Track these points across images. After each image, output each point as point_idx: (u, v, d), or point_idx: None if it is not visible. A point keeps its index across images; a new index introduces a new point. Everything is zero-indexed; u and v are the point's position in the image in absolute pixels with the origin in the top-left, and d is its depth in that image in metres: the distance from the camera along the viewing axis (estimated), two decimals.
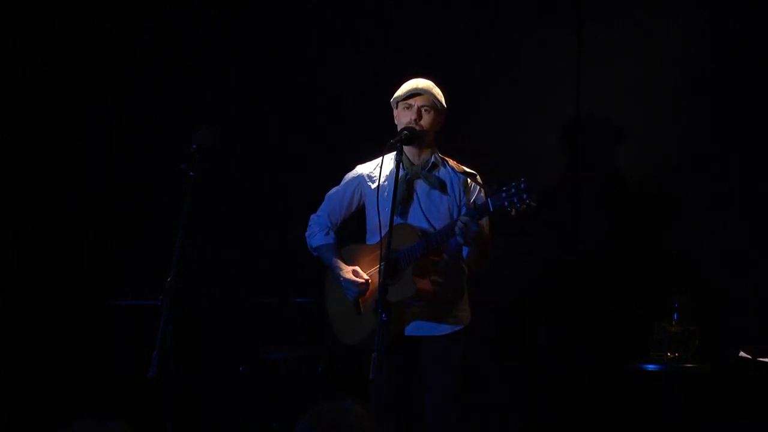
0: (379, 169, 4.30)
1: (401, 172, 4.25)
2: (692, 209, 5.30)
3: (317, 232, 4.50)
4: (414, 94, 4.27)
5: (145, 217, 6.05)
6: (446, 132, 4.42)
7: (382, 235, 4.01)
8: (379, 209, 4.12)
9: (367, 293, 4.28)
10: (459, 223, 3.95)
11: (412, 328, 4.23)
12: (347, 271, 4.31)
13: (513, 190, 3.81)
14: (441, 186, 4.27)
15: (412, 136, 4.19)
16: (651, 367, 4.96)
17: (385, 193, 4.19)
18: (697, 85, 5.31)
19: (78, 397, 5.55)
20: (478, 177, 4.31)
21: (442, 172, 4.31)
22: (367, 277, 4.27)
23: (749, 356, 4.75)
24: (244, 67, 6.11)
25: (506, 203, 3.83)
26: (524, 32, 5.61)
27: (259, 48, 6.10)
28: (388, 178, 4.28)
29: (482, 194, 4.23)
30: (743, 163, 5.20)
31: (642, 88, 5.41)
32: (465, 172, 4.29)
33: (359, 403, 2.33)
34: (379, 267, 4.08)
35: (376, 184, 4.30)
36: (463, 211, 4.12)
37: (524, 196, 3.79)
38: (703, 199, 5.27)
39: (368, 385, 4.12)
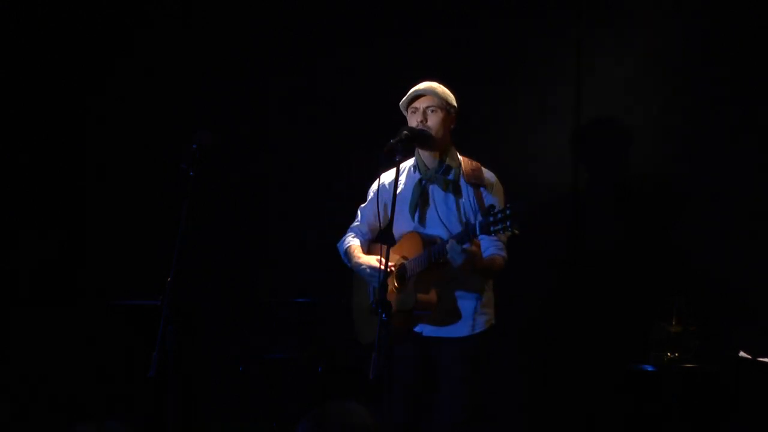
0: (399, 176, 4.28)
1: (417, 177, 4.24)
2: (692, 209, 5.30)
3: (344, 239, 4.48)
4: (417, 96, 4.24)
5: (146, 217, 6.05)
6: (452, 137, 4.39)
7: (385, 241, 3.99)
8: (382, 215, 4.15)
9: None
10: (447, 247, 3.93)
11: (431, 330, 4.21)
12: (371, 260, 4.28)
13: (499, 216, 3.76)
14: (455, 189, 4.23)
15: (413, 136, 4.15)
16: (651, 367, 4.96)
17: (400, 201, 4.17)
18: (696, 86, 5.31)
19: (78, 396, 5.55)
20: (486, 186, 4.23)
21: (455, 175, 4.26)
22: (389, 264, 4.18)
23: (749, 356, 4.75)
24: (245, 67, 6.12)
25: (492, 228, 3.78)
26: (526, 35, 5.62)
27: (259, 48, 6.10)
28: (405, 184, 4.27)
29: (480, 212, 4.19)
30: (743, 163, 5.20)
31: (642, 89, 5.41)
32: (473, 182, 4.21)
33: (361, 403, 2.33)
34: (379, 272, 4.08)
35: (396, 191, 4.28)
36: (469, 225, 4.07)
37: (508, 223, 3.73)
38: (703, 199, 5.28)
39: (368, 385, 4.11)
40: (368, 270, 4.26)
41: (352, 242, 4.44)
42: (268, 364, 5.68)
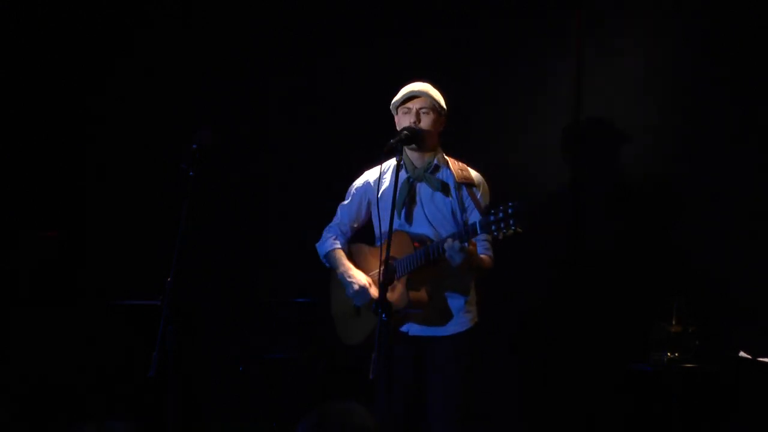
0: (383, 174, 4.30)
1: (404, 176, 4.24)
2: (692, 209, 5.30)
3: (325, 240, 4.50)
4: (411, 97, 4.24)
5: (146, 217, 6.06)
6: (449, 136, 4.40)
7: (382, 240, 4.00)
8: (380, 215, 4.14)
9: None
10: (446, 246, 3.94)
11: (418, 329, 4.22)
12: (361, 279, 4.28)
13: (501, 215, 3.74)
14: (443, 188, 4.23)
15: (412, 136, 4.16)
16: (651, 367, 4.96)
17: (387, 199, 4.17)
18: (696, 86, 5.31)
19: (78, 397, 5.55)
20: (476, 186, 4.25)
21: (444, 174, 4.27)
22: (374, 292, 4.23)
23: (749, 356, 4.76)
24: (245, 67, 6.12)
25: (493, 227, 3.77)
26: (526, 35, 5.62)
27: (259, 48, 6.11)
28: (391, 183, 4.26)
29: (476, 210, 4.19)
30: (744, 163, 5.20)
31: (642, 89, 5.41)
32: (464, 182, 4.22)
33: (361, 403, 2.33)
34: (379, 270, 4.09)
35: (381, 190, 4.28)
36: (458, 228, 4.08)
37: (511, 222, 3.70)
38: (703, 199, 5.27)
39: (368, 385, 4.12)
40: (356, 288, 4.26)
41: (335, 245, 4.45)
42: (268, 364, 5.68)
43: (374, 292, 4.22)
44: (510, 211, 3.71)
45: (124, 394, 5.43)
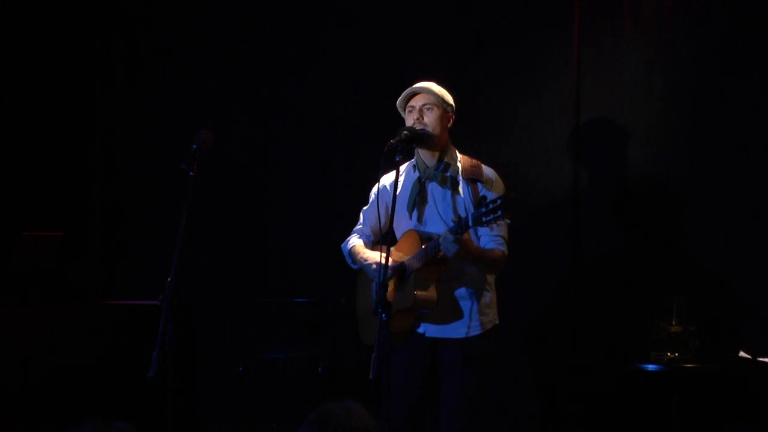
0: (399, 177, 4.29)
1: (416, 175, 4.24)
2: (692, 209, 5.30)
3: (348, 240, 4.47)
4: (413, 94, 4.24)
5: (145, 217, 6.06)
6: (450, 136, 4.38)
7: (387, 240, 4.00)
8: (383, 217, 4.16)
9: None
10: (440, 239, 3.95)
11: (434, 330, 4.22)
12: (376, 256, 4.24)
13: (491, 206, 3.79)
14: (454, 186, 4.22)
15: (413, 136, 4.15)
16: (651, 367, 4.96)
17: (400, 201, 4.17)
18: (697, 86, 5.31)
19: (78, 397, 5.55)
20: (483, 182, 4.25)
21: (455, 172, 4.24)
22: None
23: (749, 356, 4.76)
24: (245, 67, 6.12)
25: (484, 218, 3.81)
26: (526, 35, 5.62)
27: (259, 48, 6.11)
28: (402, 184, 4.26)
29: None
30: (743, 164, 5.20)
31: (642, 89, 5.41)
32: (471, 178, 4.22)
33: (361, 403, 2.33)
34: (378, 270, 4.09)
35: (396, 193, 4.27)
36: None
37: (499, 212, 3.77)
38: (703, 199, 5.27)
39: (368, 385, 4.11)
40: (374, 266, 4.23)
41: (356, 242, 4.43)
42: (268, 364, 5.68)
43: (391, 263, 4.18)
44: (499, 201, 3.77)
45: (124, 394, 5.43)
